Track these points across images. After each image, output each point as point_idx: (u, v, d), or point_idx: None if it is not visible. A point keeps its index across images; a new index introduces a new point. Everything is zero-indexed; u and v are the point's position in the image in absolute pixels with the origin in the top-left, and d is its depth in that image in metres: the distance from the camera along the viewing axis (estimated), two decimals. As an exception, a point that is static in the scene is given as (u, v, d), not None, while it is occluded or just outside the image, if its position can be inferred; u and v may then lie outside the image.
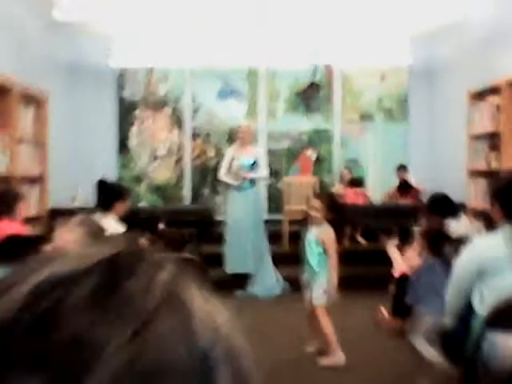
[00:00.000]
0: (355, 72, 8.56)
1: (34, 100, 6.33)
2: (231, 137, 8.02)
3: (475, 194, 6.19)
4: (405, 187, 7.55)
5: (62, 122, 7.57)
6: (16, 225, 3.92)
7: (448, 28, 6.87)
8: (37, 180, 6.45)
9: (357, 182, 7.77)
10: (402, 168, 7.86)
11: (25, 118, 6.11)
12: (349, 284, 4.56)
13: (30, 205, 6.05)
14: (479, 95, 6.14)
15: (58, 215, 4.75)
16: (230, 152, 7.03)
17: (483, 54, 6.60)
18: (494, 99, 5.79)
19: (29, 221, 5.23)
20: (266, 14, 6.31)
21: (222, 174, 6.92)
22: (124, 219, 4.29)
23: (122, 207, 4.16)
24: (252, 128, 7.29)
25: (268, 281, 6.52)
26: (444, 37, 7.44)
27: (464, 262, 2.67)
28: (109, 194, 4.17)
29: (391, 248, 4.34)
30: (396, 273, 4.21)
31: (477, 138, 6.22)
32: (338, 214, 4.56)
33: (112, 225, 3.97)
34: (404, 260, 4.17)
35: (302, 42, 7.36)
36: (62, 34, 7.23)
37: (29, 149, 6.24)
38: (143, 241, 4.15)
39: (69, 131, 7.92)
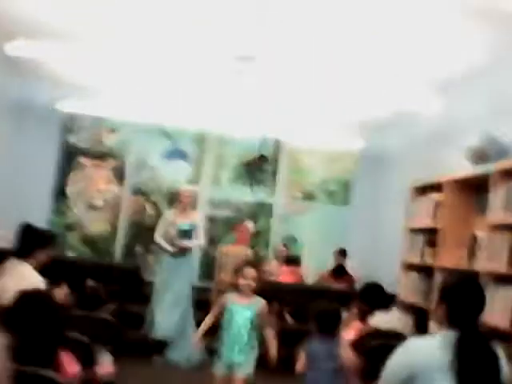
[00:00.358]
0: (303, 150, 8.64)
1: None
2: (172, 198, 7.89)
3: (407, 288, 6.17)
4: (340, 272, 7.52)
5: (1, 160, 7.32)
6: None
7: (399, 118, 7.00)
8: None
9: (292, 260, 7.71)
10: (342, 252, 7.84)
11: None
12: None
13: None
14: (422, 189, 6.21)
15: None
16: (168, 215, 6.94)
17: (429, 148, 6.74)
18: (435, 195, 5.85)
19: None
20: (219, 80, 6.31)
21: (158, 237, 6.80)
22: (46, 268, 4.06)
23: (42, 255, 3.92)
24: (193, 193, 7.22)
25: (189, 348, 6.29)
26: (395, 126, 7.58)
27: (394, 364, 2.50)
28: (30, 240, 3.92)
29: None
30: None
31: (415, 231, 6.25)
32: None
33: (28, 272, 3.74)
34: None
35: (253, 113, 7.38)
36: (11, 72, 7.05)
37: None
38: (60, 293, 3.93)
39: (6, 171, 7.64)
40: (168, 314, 6.48)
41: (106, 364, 3.75)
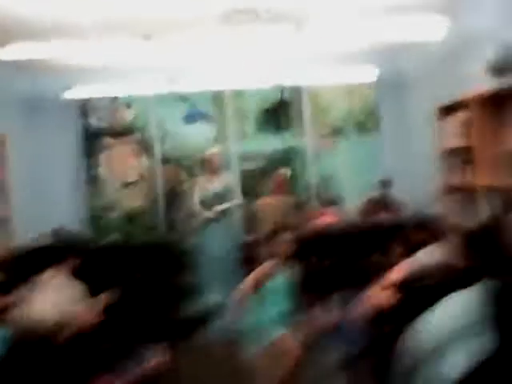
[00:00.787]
0: (321, 89, 8.45)
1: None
2: (202, 162, 7.85)
3: (451, 210, 6.05)
4: (384, 202, 7.37)
5: (24, 160, 7.37)
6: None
7: (411, 41, 6.75)
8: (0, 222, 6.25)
9: (329, 201, 7.59)
10: (384, 182, 7.61)
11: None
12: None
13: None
14: (447, 109, 6.02)
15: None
16: (201, 181, 6.95)
17: (448, 67, 6.51)
18: (462, 114, 5.66)
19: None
20: (229, 35, 6.14)
21: (194, 205, 6.84)
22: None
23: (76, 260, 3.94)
24: (218, 155, 7.17)
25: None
26: (408, 50, 7.35)
27: (432, 326, 2.39)
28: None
29: None
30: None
31: (449, 152, 6.09)
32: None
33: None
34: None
35: (265, 61, 7.24)
36: (14, 71, 7.02)
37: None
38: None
39: (31, 169, 7.71)
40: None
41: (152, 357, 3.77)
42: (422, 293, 3.07)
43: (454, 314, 2.33)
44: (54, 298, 3.32)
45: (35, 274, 3.83)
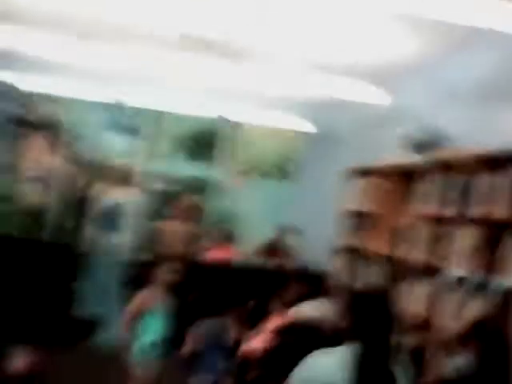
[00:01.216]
0: (250, 127, 8.55)
1: None
2: (111, 170, 7.70)
3: (338, 270, 6.19)
4: (275, 247, 7.48)
5: None
6: None
7: (343, 103, 6.97)
8: None
9: (225, 236, 7.60)
10: (283, 228, 7.72)
11: None
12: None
13: None
14: (357, 173, 6.21)
15: None
16: (103, 191, 6.82)
17: (371, 132, 6.74)
18: (368, 180, 5.88)
19: None
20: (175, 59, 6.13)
21: (97, 211, 6.72)
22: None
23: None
24: (127, 166, 7.07)
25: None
26: (339, 109, 7.55)
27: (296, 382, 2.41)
28: None
29: None
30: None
31: (348, 214, 6.28)
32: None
33: None
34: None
35: (200, 92, 7.24)
36: None
37: None
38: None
39: None
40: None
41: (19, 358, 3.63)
42: (299, 342, 3.12)
43: (325, 369, 2.37)
44: None
45: None
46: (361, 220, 6.01)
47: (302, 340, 3.16)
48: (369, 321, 2.41)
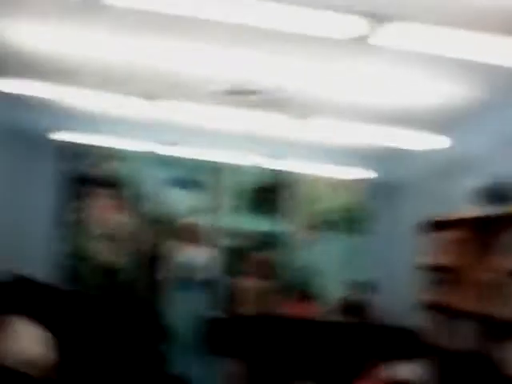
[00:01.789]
0: (316, 179, 8.47)
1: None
2: (181, 229, 7.75)
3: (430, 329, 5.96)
4: (352, 306, 7.29)
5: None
6: None
7: (406, 151, 6.90)
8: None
9: (303, 294, 7.51)
10: (360, 285, 7.59)
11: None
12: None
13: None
14: (434, 225, 6.08)
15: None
16: (174, 249, 6.87)
17: (442, 182, 6.64)
18: (449, 233, 5.73)
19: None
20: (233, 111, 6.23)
21: (171, 270, 6.77)
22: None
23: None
24: (197, 225, 7.09)
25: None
26: (403, 158, 7.47)
27: None
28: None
29: None
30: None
31: (428, 268, 6.11)
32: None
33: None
34: None
35: (263, 142, 7.31)
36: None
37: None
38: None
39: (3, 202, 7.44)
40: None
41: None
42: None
43: None
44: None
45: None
46: (441, 274, 5.84)
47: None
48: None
